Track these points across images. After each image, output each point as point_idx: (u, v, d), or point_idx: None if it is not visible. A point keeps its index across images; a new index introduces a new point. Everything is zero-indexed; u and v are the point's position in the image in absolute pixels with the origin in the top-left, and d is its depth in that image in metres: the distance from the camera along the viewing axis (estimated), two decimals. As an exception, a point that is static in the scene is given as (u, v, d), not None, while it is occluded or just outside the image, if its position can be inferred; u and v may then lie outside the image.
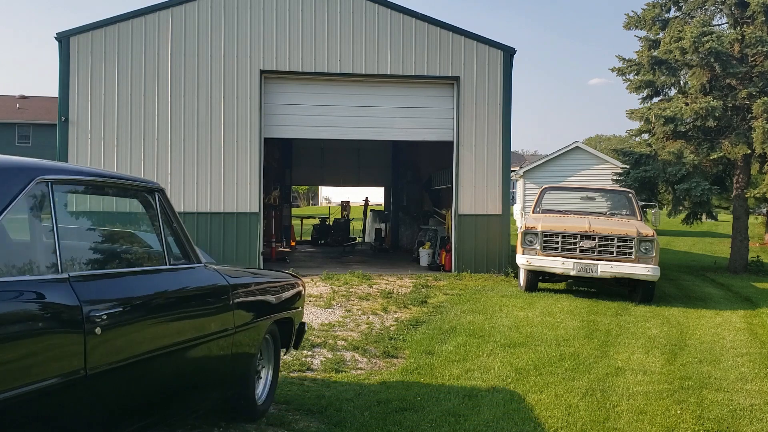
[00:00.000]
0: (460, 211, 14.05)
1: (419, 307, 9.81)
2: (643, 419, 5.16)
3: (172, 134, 13.30)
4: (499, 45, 14.17)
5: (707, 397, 5.82)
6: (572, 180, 29.63)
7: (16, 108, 41.99)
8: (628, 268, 10.54)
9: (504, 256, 14.06)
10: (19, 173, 2.85)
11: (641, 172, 15.59)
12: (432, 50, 13.91)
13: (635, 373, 6.49)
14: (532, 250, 10.98)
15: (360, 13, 13.73)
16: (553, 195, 13.53)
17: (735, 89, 15.66)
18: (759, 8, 15.18)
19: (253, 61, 13.45)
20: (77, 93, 13.08)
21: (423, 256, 15.47)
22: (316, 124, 13.90)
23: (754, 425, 5.16)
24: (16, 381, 2.48)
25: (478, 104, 14.03)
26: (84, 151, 13.06)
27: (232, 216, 13.35)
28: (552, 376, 6.25)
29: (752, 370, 6.81)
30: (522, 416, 5.10)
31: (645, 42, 17.12)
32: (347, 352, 6.92)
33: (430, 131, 14.31)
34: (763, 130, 14.51)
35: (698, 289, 12.93)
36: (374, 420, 4.89)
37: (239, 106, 13.42)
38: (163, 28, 13.31)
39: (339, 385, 5.74)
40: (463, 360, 6.71)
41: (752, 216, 24.01)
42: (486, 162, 14.06)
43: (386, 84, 14.07)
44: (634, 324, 9.01)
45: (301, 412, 5.01)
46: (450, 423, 4.91)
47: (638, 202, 12.69)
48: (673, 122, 15.35)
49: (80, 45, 13.11)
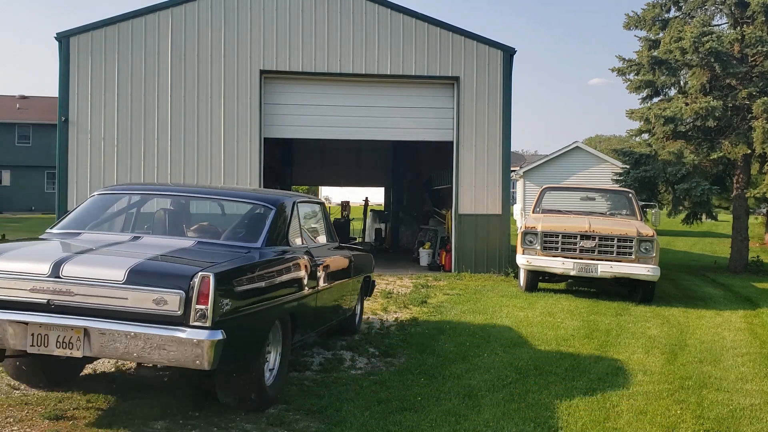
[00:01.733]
0: (460, 211, 14.05)
1: (419, 307, 9.80)
2: (643, 419, 5.16)
3: (172, 134, 13.30)
4: (499, 45, 14.17)
5: (707, 397, 5.82)
6: (572, 180, 29.63)
7: (16, 108, 41.97)
8: (628, 268, 10.54)
9: (504, 256, 14.06)
10: (291, 200, 5.93)
11: (641, 172, 15.58)
12: (432, 50, 13.91)
13: (635, 373, 6.49)
14: (532, 250, 10.98)
15: (360, 13, 13.73)
16: (553, 195, 13.52)
17: (735, 89, 15.66)
18: (759, 8, 15.17)
19: (253, 61, 13.45)
20: (77, 93, 13.09)
21: (423, 256, 15.47)
22: (316, 124, 13.90)
23: (754, 425, 5.16)
24: (302, 290, 5.47)
25: (478, 104, 14.03)
26: (84, 151, 13.07)
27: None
28: (552, 376, 6.26)
29: (752, 370, 6.81)
30: (522, 416, 5.10)
31: (645, 42, 17.12)
32: (347, 352, 6.92)
33: (430, 131, 14.31)
34: (763, 130, 14.51)
35: (698, 289, 12.93)
36: (374, 420, 4.89)
37: (239, 106, 13.42)
38: (163, 28, 13.31)
39: (339, 385, 5.74)
40: (463, 360, 6.71)
41: (752, 216, 24.02)
42: (486, 162, 14.06)
43: (386, 84, 14.07)
44: (634, 324, 9.01)
45: (301, 412, 5.01)
46: (450, 423, 4.91)
47: (638, 202, 12.68)
48: (673, 122, 15.34)
49: (80, 45, 13.11)
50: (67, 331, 4.17)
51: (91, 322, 4.15)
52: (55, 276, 4.22)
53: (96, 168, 13.12)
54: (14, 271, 4.32)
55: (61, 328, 4.18)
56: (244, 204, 5.86)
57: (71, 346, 4.19)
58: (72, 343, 4.18)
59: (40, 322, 4.19)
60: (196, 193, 6.29)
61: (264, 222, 5.39)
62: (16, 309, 4.24)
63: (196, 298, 4.10)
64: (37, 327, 4.20)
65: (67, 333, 4.18)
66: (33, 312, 4.22)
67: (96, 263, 4.40)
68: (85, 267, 4.31)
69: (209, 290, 4.09)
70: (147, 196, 6.05)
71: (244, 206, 5.87)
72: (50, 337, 4.20)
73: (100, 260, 4.49)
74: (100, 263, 4.42)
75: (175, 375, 5.81)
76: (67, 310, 4.20)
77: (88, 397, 5.11)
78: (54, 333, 4.19)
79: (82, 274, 4.25)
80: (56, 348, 4.21)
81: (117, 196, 5.96)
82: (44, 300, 4.21)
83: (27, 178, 40.06)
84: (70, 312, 4.20)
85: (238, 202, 5.92)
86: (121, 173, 13.15)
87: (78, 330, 4.16)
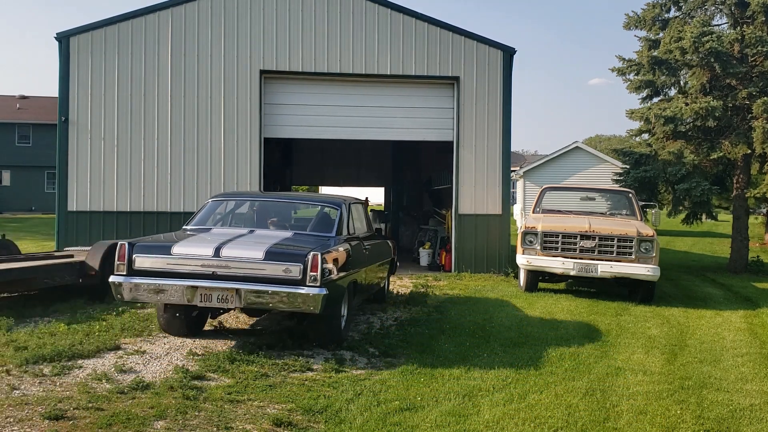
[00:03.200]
0: (460, 211, 14.05)
1: (419, 307, 9.81)
2: (643, 419, 5.16)
3: (172, 134, 13.31)
4: (499, 45, 14.17)
5: (707, 397, 5.82)
6: (572, 180, 29.63)
7: (16, 108, 41.96)
8: (628, 268, 10.54)
9: (504, 256, 14.06)
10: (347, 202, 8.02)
11: (641, 172, 15.59)
12: (432, 50, 13.91)
13: (635, 373, 6.49)
14: (532, 250, 10.99)
15: (360, 13, 13.73)
16: (553, 195, 13.52)
17: (735, 89, 15.66)
18: (759, 8, 15.18)
19: (253, 61, 13.45)
20: (77, 93, 13.09)
21: (423, 256, 15.48)
22: (316, 124, 13.91)
23: (754, 425, 5.17)
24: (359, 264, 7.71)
25: (478, 104, 14.03)
26: (84, 151, 13.07)
27: (232, 216, 13.34)
28: (552, 376, 6.26)
29: (752, 370, 6.81)
30: (522, 416, 5.10)
31: (645, 42, 17.12)
32: (347, 352, 6.92)
33: (430, 131, 14.32)
34: (763, 130, 14.51)
35: (698, 289, 12.93)
36: (374, 420, 4.89)
37: (239, 107, 13.42)
38: (163, 28, 13.31)
39: (339, 385, 5.74)
40: (463, 360, 6.72)
41: (752, 216, 24.02)
42: (486, 162, 14.06)
43: (386, 84, 14.07)
44: (634, 324, 9.01)
45: (303, 412, 5.01)
46: (450, 423, 4.91)
47: (638, 202, 12.68)
48: (673, 122, 15.34)
49: (80, 45, 13.11)
50: (224, 291, 6.41)
51: (242, 284, 6.39)
52: (216, 256, 6.51)
53: (96, 168, 13.13)
54: (189, 254, 6.60)
55: (220, 289, 6.41)
56: (318, 206, 8.28)
57: (226, 301, 6.44)
58: (227, 299, 6.42)
59: (207, 286, 6.42)
60: (282, 198, 8.72)
61: (334, 218, 7.74)
62: (191, 278, 6.47)
63: (310, 267, 6.34)
64: (204, 289, 6.44)
65: (225, 292, 6.41)
66: (201, 279, 6.44)
67: (242, 248, 6.65)
68: (236, 250, 6.58)
69: (318, 263, 6.34)
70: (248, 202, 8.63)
71: (317, 208, 8.25)
72: (213, 296, 6.44)
73: (244, 246, 6.71)
74: (245, 248, 6.65)
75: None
76: (224, 278, 6.43)
77: (88, 397, 5.12)
78: (216, 293, 6.43)
79: (234, 255, 6.53)
80: (216, 302, 6.46)
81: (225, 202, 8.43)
82: (210, 272, 6.48)
83: (27, 178, 40.06)
84: (227, 279, 6.43)
85: (314, 205, 8.46)
86: (121, 173, 13.16)
87: (232, 290, 6.39)
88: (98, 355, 6.50)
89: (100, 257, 9.28)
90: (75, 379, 5.70)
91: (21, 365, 5.95)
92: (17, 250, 10.55)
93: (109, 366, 6.08)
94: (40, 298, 9.21)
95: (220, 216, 8.16)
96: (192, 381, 5.68)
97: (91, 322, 7.85)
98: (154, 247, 6.81)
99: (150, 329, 7.66)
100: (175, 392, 5.34)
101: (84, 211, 13.08)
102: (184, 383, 5.56)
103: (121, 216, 13.15)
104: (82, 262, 9.29)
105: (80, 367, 6.04)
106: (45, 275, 8.76)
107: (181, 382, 5.57)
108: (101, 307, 8.92)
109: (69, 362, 6.13)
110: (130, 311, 8.65)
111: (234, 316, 8.54)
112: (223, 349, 6.82)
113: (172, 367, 6.13)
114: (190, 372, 5.90)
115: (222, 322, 8.18)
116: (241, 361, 6.29)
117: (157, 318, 7.55)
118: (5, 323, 7.50)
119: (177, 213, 13.18)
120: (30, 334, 7.09)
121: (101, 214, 13.12)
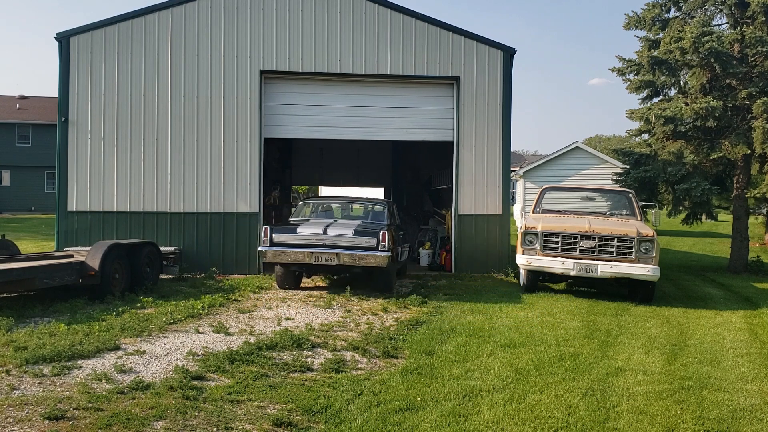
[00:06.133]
0: (460, 211, 14.05)
1: (419, 307, 9.81)
2: (643, 419, 5.16)
3: (172, 134, 13.30)
4: (498, 45, 14.17)
5: (707, 397, 5.82)
6: (572, 180, 29.63)
7: (16, 108, 41.96)
8: (628, 269, 10.54)
9: (504, 256, 14.06)
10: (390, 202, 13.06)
11: (641, 172, 15.59)
12: (432, 50, 13.91)
13: (635, 373, 6.49)
14: (532, 250, 10.99)
15: (360, 13, 13.73)
16: (553, 195, 13.51)
17: (735, 89, 15.66)
18: (759, 8, 15.18)
19: (253, 61, 13.45)
20: (77, 93, 13.09)
21: (423, 256, 15.48)
22: (316, 124, 13.91)
23: (754, 425, 5.16)
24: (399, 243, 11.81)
25: (478, 104, 14.03)
26: (84, 151, 13.07)
27: (232, 216, 13.35)
28: (552, 376, 6.25)
29: (752, 370, 6.81)
30: (522, 416, 5.10)
31: (645, 42, 17.12)
32: (347, 352, 6.93)
33: (430, 131, 14.32)
34: (763, 130, 14.51)
35: (698, 289, 12.93)
36: (374, 420, 4.89)
37: (239, 106, 13.42)
38: (163, 28, 13.31)
39: (339, 385, 5.74)
40: (463, 360, 6.71)
41: (752, 216, 24.02)
42: (486, 162, 14.07)
43: (386, 84, 14.07)
44: (634, 324, 9.01)
45: (301, 412, 5.01)
46: (450, 423, 4.91)
47: (638, 203, 12.68)
48: (673, 122, 15.34)
49: (80, 45, 13.11)
50: (329, 254, 10.39)
51: (340, 250, 10.40)
52: (324, 234, 10.56)
53: (96, 168, 13.13)
54: (308, 232, 10.65)
55: (327, 253, 10.40)
56: (371, 205, 12.56)
57: (330, 261, 10.38)
58: (331, 259, 10.37)
59: (318, 252, 10.43)
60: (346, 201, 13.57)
61: (385, 211, 12.04)
62: (309, 247, 10.50)
63: (380, 239, 10.37)
64: (318, 253, 10.43)
65: (329, 255, 10.39)
66: (314, 248, 10.47)
67: (339, 228, 10.71)
68: (336, 230, 10.64)
69: (386, 237, 10.36)
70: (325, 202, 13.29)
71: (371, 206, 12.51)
72: (322, 257, 10.40)
73: (340, 228, 10.76)
74: (341, 228, 10.71)
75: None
76: (330, 247, 10.45)
77: (88, 398, 5.13)
78: (324, 256, 10.40)
79: (335, 233, 10.56)
80: (323, 261, 10.40)
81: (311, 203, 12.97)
82: (320, 243, 10.50)
83: (27, 179, 40.05)
84: (331, 247, 10.44)
85: (371, 204, 12.63)
86: (120, 173, 13.15)
87: (334, 254, 10.39)
88: (98, 355, 6.51)
89: (100, 257, 9.28)
90: (75, 379, 5.70)
91: (21, 365, 5.96)
92: (17, 251, 10.55)
93: (109, 366, 6.09)
94: (40, 298, 9.22)
95: (310, 211, 12.42)
96: (192, 381, 5.69)
97: (90, 322, 7.85)
98: (286, 229, 10.86)
99: (150, 329, 7.67)
100: (175, 392, 5.34)
101: (84, 211, 13.08)
102: (184, 383, 5.57)
103: (121, 216, 13.15)
104: (82, 262, 9.30)
105: (80, 367, 6.05)
106: (45, 275, 8.76)
107: (181, 383, 5.58)
108: (101, 307, 8.93)
109: (69, 362, 6.13)
110: (130, 311, 8.66)
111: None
112: (223, 349, 6.82)
113: (172, 367, 6.13)
114: (190, 372, 5.91)
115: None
116: (241, 361, 6.30)
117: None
118: (5, 323, 7.50)
119: (177, 213, 13.19)
120: (30, 334, 7.10)
121: (101, 214, 13.12)
